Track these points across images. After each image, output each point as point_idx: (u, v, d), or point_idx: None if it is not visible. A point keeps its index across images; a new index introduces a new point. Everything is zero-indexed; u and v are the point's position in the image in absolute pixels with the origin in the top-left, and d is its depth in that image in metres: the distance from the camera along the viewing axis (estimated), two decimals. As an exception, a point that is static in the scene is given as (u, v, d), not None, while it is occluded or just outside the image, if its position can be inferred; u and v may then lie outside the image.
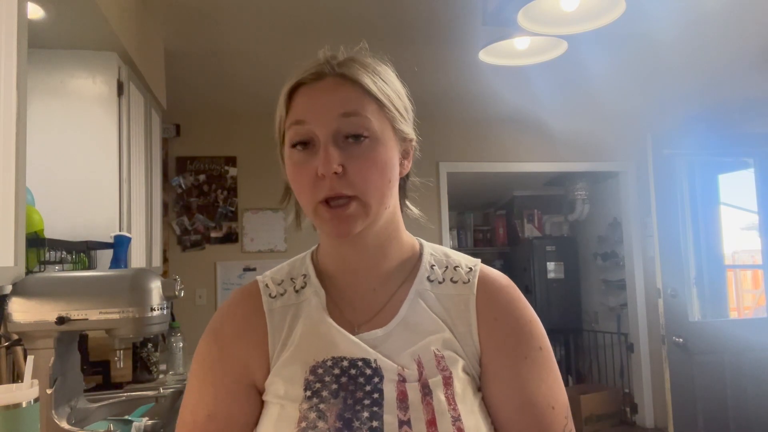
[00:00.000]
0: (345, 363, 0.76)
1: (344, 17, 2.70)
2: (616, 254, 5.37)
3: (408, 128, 0.82)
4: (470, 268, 0.83)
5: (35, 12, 1.86)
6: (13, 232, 1.15)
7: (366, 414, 0.72)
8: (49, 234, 1.77)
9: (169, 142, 4.11)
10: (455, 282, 0.81)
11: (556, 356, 5.85)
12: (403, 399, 0.73)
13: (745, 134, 4.01)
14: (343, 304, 0.81)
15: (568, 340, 5.82)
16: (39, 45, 2.07)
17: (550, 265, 5.64)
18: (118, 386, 2.28)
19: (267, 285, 0.85)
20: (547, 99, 4.04)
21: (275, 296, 0.83)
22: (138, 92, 2.46)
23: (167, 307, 1.38)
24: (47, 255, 1.66)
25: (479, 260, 0.85)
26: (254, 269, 4.20)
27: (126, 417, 1.57)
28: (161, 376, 2.55)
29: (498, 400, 0.77)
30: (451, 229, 5.40)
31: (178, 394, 2.16)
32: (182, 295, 1.45)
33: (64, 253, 1.82)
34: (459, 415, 0.72)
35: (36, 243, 1.58)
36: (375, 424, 0.71)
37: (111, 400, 1.72)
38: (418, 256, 0.85)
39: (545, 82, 3.60)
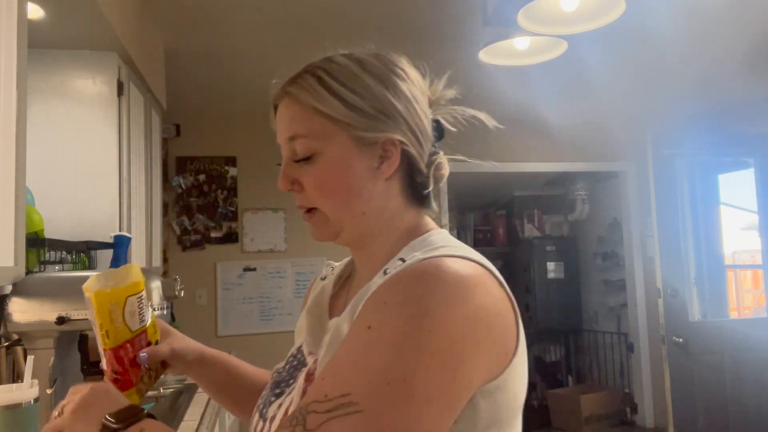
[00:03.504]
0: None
1: (344, 17, 2.70)
2: (616, 254, 5.37)
3: (377, 132, 0.75)
4: (404, 260, 0.72)
5: (35, 12, 1.86)
6: (13, 232, 1.15)
7: (278, 390, 0.80)
8: (49, 234, 1.77)
9: (169, 142, 4.11)
10: (388, 274, 0.72)
11: (556, 356, 5.89)
12: (295, 384, 0.78)
13: (745, 134, 4.01)
14: (349, 292, 0.86)
15: (568, 340, 5.83)
16: (39, 45, 2.06)
17: (550, 265, 5.64)
18: (118, 386, 2.28)
19: (326, 269, 0.95)
20: (547, 99, 4.04)
21: (324, 277, 0.93)
22: (138, 92, 2.46)
23: (167, 307, 1.38)
24: (47, 255, 1.66)
25: (435, 255, 0.69)
26: (254, 269, 4.20)
27: (126, 417, 1.56)
28: (161, 375, 2.55)
29: None
30: (451, 229, 5.39)
31: (178, 394, 2.17)
32: (182, 295, 1.45)
33: (64, 253, 1.82)
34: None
35: (36, 243, 1.58)
36: (272, 398, 0.79)
37: (111, 400, 1.71)
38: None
39: (545, 81, 3.60)
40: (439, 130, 0.83)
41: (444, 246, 0.73)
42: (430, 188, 0.82)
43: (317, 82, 0.76)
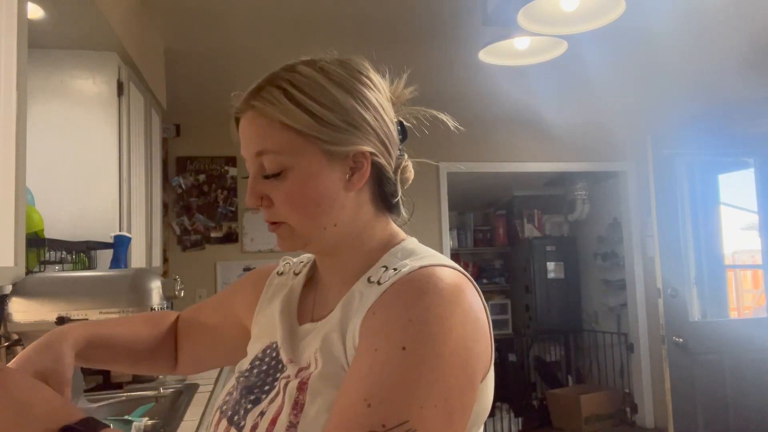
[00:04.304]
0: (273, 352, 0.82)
1: (344, 16, 2.70)
2: (616, 254, 5.37)
3: (347, 145, 0.74)
4: (396, 270, 0.72)
5: (35, 12, 1.86)
6: (13, 232, 1.15)
7: (252, 396, 0.76)
8: (49, 234, 1.77)
9: (169, 142, 4.11)
10: (380, 284, 0.72)
11: (556, 356, 5.89)
12: (275, 392, 0.75)
13: (745, 134, 4.01)
14: (316, 296, 0.85)
15: (568, 340, 5.82)
16: (39, 45, 2.07)
17: (550, 265, 5.64)
18: (118, 386, 2.28)
19: (282, 263, 0.95)
20: (547, 99, 4.04)
21: (281, 273, 0.93)
22: (138, 92, 2.46)
23: (167, 307, 1.38)
24: (47, 255, 1.66)
25: (424, 265, 0.71)
26: (254, 269, 4.20)
27: (126, 417, 1.57)
28: (161, 376, 2.55)
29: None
30: (451, 229, 5.39)
31: (178, 394, 2.16)
32: (182, 295, 1.45)
33: (64, 253, 1.82)
34: (297, 422, 0.69)
35: (36, 243, 1.58)
36: (248, 406, 0.76)
37: (111, 400, 1.72)
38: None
39: (545, 81, 3.60)
40: (402, 132, 0.82)
41: (428, 255, 0.75)
42: (399, 196, 0.82)
43: (283, 95, 0.74)
